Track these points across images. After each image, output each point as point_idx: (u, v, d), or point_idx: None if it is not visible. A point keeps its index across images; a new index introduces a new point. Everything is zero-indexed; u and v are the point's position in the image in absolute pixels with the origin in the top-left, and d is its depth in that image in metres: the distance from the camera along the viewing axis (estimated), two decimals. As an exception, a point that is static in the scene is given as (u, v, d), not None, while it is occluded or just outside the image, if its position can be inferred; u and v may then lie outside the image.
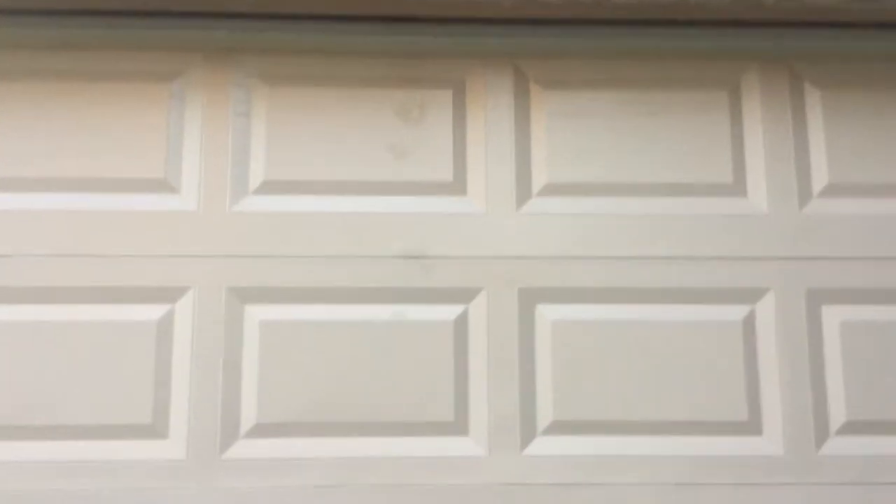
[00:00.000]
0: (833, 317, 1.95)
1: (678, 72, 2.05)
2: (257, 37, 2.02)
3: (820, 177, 2.02)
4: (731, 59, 2.06)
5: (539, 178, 2.01)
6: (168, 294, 1.92)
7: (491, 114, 2.03)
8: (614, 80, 2.04)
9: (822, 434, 1.91)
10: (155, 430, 1.87)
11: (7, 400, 1.86)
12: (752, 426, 1.92)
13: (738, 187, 2.02)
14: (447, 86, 2.04)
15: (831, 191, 2.02)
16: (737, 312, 1.96)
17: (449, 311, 1.94)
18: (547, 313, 1.95)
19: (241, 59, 2.03)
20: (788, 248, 1.98)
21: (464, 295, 1.95)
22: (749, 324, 1.95)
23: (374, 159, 2.00)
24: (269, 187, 1.98)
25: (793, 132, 2.03)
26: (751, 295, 1.96)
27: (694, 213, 1.99)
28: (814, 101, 2.05)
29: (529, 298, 1.95)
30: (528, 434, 1.91)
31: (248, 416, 1.89)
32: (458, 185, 2.01)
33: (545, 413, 1.91)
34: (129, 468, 1.85)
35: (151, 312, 1.91)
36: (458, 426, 1.90)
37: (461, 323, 1.94)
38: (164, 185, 1.97)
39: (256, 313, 1.92)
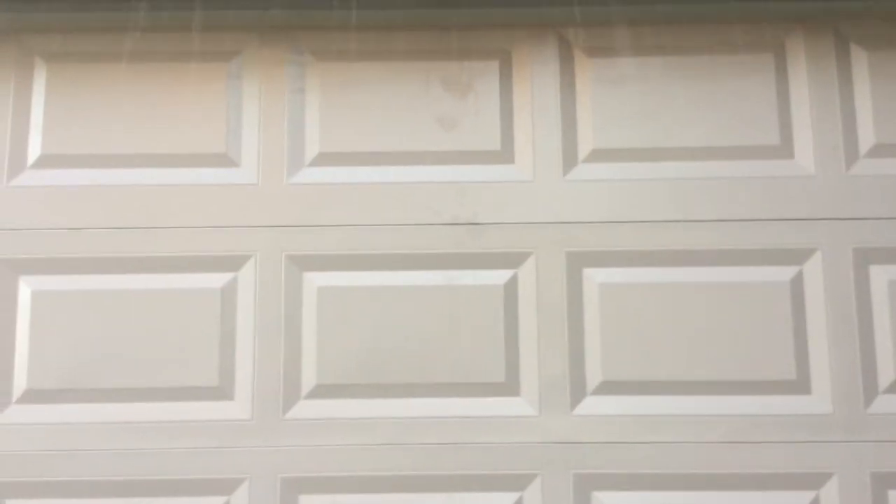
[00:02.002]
0: (881, 276, 1.96)
1: (723, 35, 2.06)
2: (310, 15, 2.09)
3: (866, 137, 2.02)
4: (775, 22, 2.06)
5: (585, 145, 2.05)
6: (231, 263, 2.00)
7: (537, 83, 2.07)
8: (658, 45, 2.06)
9: (870, 392, 1.92)
10: (221, 391, 1.96)
11: (83, 365, 1.96)
12: (800, 385, 1.93)
13: (784, 149, 2.03)
14: (493, 57, 2.08)
15: (878, 151, 2.01)
16: (784, 273, 1.97)
17: (499, 276, 2.00)
18: (594, 276, 1.99)
19: (294, 37, 2.10)
20: (835, 208, 1.98)
21: (513, 260, 2.00)
22: (797, 284, 1.97)
23: (424, 130, 2.06)
24: (324, 159, 2.05)
25: (839, 93, 2.03)
26: (798, 256, 1.97)
27: (741, 176, 2.01)
28: (859, 62, 2.04)
29: (577, 262, 1.99)
30: (577, 394, 1.95)
31: (309, 377, 1.96)
32: (505, 154, 2.05)
33: (594, 374, 1.96)
34: (198, 428, 1.94)
35: (216, 280, 2.00)
36: (509, 387, 1.96)
37: (511, 287, 1.99)
38: (225, 160, 2.06)
39: (314, 280, 2.00)
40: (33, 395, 1.96)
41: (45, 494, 1.91)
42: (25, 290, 1.99)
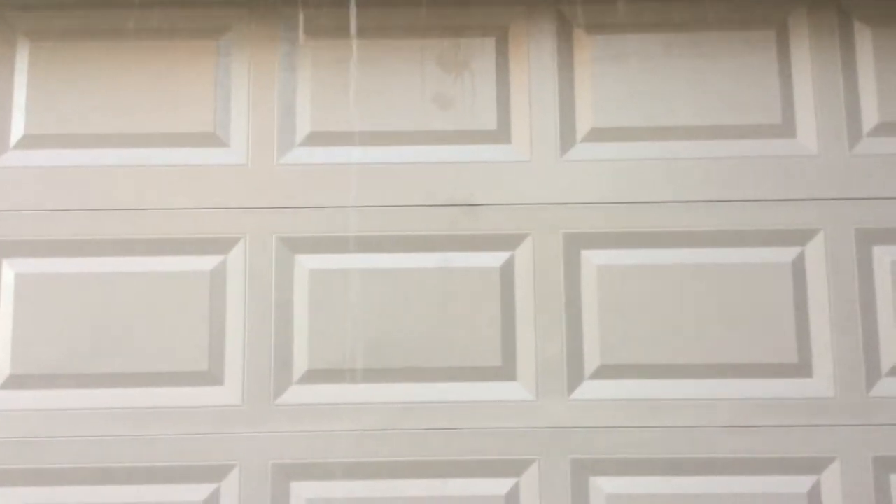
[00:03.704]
0: (884, 257, 1.93)
1: (724, 12, 2.03)
2: (301, -10, 2.05)
3: (870, 116, 1.99)
4: (778, -2, 2.04)
5: (583, 124, 2.01)
6: (220, 245, 1.96)
7: (534, 60, 2.03)
8: (658, 22, 2.03)
9: (873, 376, 1.90)
10: (211, 376, 1.92)
11: (68, 350, 1.92)
12: (802, 368, 1.91)
13: (787, 128, 2.00)
14: (490, 33, 2.04)
15: (882, 130, 1.99)
16: (787, 254, 1.94)
17: (495, 258, 1.96)
18: (592, 258, 1.96)
19: (285, 13, 2.05)
20: (838, 188, 1.96)
21: (510, 241, 1.96)
22: (799, 265, 1.94)
23: (419, 109, 2.01)
24: (315, 139, 2.01)
25: (842, 71, 2.00)
26: (801, 236, 1.95)
27: (742, 156, 1.98)
28: (863, 40, 2.02)
29: (575, 244, 1.96)
30: (575, 378, 1.92)
31: (300, 362, 1.93)
32: (502, 133, 2.01)
33: (592, 357, 1.93)
34: (187, 414, 1.90)
35: (205, 263, 1.96)
36: (505, 371, 1.93)
37: (507, 269, 1.96)
38: (214, 140, 2.01)
39: (305, 262, 1.96)
40: (17, 381, 1.92)
41: (29, 482, 1.88)
42: (9, 272, 1.96)
